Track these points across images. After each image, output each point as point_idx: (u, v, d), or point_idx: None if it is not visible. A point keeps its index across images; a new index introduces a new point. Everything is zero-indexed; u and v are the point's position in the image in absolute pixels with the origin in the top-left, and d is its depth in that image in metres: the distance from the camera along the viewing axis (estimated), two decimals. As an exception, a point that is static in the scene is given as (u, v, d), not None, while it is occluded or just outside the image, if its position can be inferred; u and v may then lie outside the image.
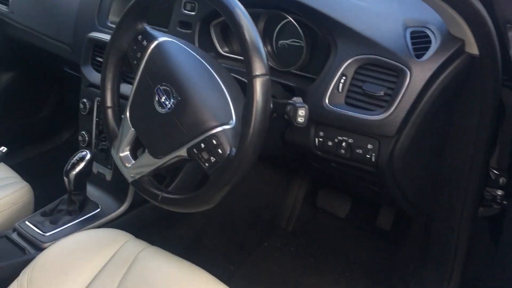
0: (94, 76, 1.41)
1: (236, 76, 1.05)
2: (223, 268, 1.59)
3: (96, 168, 1.42)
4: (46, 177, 2.07)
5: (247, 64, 0.83)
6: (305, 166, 1.51)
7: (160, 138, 0.98)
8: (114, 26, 1.39)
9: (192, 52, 1.00)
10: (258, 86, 0.82)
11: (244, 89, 0.94)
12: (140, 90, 1.01)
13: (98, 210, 1.35)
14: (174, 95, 0.94)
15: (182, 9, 1.26)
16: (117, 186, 1.38)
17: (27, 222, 1.29)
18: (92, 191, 1.41)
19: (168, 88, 0.95)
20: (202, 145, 0.90)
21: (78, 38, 1.48)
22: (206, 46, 1.24)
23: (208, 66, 0.98)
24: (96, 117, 1.40)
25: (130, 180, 1.03)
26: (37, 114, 2.16)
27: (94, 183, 1.42)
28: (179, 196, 0.95)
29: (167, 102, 0.95)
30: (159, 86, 0.96)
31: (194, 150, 0.91)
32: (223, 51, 1.26)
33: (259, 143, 0.85)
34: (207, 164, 0.91)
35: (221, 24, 1.24)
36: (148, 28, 1.03)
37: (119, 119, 1.09)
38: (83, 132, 1.44)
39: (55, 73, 2.02)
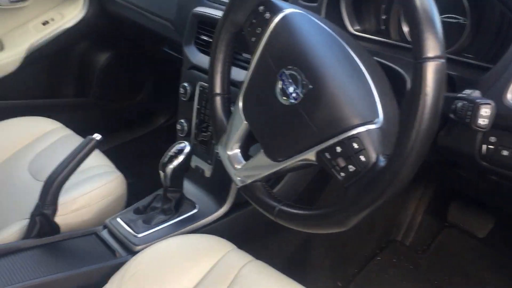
0: (197, 57, 1.24)
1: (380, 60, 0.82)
2: (330, 284, 1.38)
3: (194, 162, 1.25)
4: (139, 164, 1.97)
5: (416, 42, 0.60)
6: (436, 172, 1.25)
7: (282, 136, 0.77)
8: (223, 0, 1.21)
9: (328, 29, 0.78)
10: (431, 72, 0.59)
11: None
12: (258, 75, 0.81)
13: (195, 210, 1.18)
14: (304, 82, 0.73)
15: (307, -22, 1.04)
16: (217, 184, 1.21)
17: (118, 219, 1.15)
18: (189, 188, 1.25)
19: (295, 73, 0.74)
20: (338, 149, 0.69)
21: (182, 14, 1.31)
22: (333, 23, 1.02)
23: (347, 48, 0.76)
24: (198, 104, 1.23)
25: (239, 185, 0.84)
26: (133, 97, 2.06)
27: (191, 179, 1.26)
28: (303, 212, 0.75)
29: (293, 91, 0.74)
30: (283, 70, 0.76)
31: (327, 154, 0.70)
32: (354, 30, 1.02)
33: (423, 151, 0.61)
34: (343, 174, 0.69)
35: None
36: (272, -4, 0.83)
37: (228, 109, 0.90)
38: (182, 121, 1.28)
39: (154, 54, 1.90)
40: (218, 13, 1.18)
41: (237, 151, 0.86)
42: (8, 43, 1.68)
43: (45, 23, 1.73)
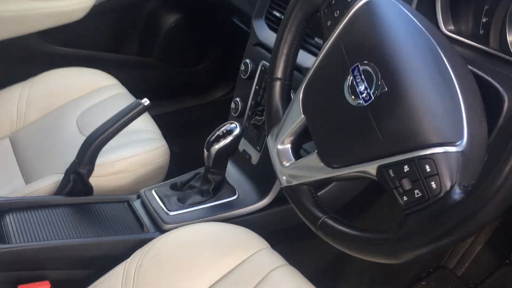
0: (265, 34, 1.14)
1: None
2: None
3: (243, 146, 1.16)
4: (189, 134, 1.92)
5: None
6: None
7: (341, 140, 0.67)
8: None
9: (419, 24, 0.66)
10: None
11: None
12: (327, 64, 0.70)
13: (235, 197, 1.10)
14: (379, 83, 0.61)
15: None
16: (262, 173, 1.11)
17: (153, 192, 1.09)
18: (231, 172, 1.16)
19: (371, 70, 0.63)
20: (405, 168, 0.58)
21: (256, -15, 1.21)
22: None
23: (439, 50, 0.63)
24: (257, 85, 1.14)
25: (283, 184, 0.75)
26: (195, 65, 1.99)
27: (236, 163, 1.17)
28: (350, 231, 0.64)
29: (364, 90, 0.63)
30: (358, 64, 0.64)
31: (390, 171, 0.59)
32: (447, 30, 0.88)
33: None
34: (405, 199, 0.58)
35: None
36: (358, -23, 0.71)
37: (287, 97, 0.80)
38: (237, 99, 1.19)
39: (223, 24, 1.81)
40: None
41: (288, 146, 0.76)
42: (79, -10, 1.64)
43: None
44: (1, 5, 1.52)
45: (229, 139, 1.04)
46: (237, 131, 1.05)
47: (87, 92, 1.47)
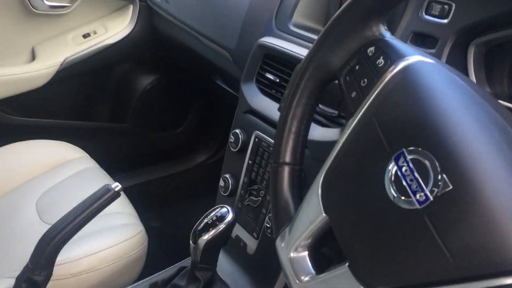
0: (257, 99, 0.98)
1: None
2: None
3: (235, 231, 0.98)
4: (169, 206, 1.72)
5: None
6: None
7: (385, 252, 0.48)
8: (299, 31, 0.95)
9: (475, 93, 0.50)
10: None
11: None
12: (356, 149, 0.53)
13: (228, 297, 0.90)
14: (439, 177, 0.44)
15: (423, 12, 0.76)
16: (261, 266, 0.92)
17: (130, 297, 0.88)
18: (223, 264, 0.97)
19: (425, 160, 0.46)
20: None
21: (244, 43, 1.05)
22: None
23: (508, 125, 0.47)
24: (250, 159, 0.96)
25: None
26: (173, 129, 1.82)
27: (228, 252, 0.98)
28: None
29: (418, 188, 0.45)
30: (403, 150, 0.47)
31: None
32: (483, 93, 0.73)
33: None
34: None
35: (490, 44, 0.71)
36: (388, 35, 0.56)
37: (298, 187, 0.62)
38: (227, 176, 1.01)
39: (204, 85, 1.66)
40: (292, 48, 0.92)
41: (304, 253, 0.57)
42: (41, 54, 1.47)
43: (86, 35, 1.52)
44: None
45: (220, 227, 0.85)
46: (229, 217, 0.86)
47: (50, 168, 1.28)
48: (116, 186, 0.89)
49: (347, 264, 0.52)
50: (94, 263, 0.96)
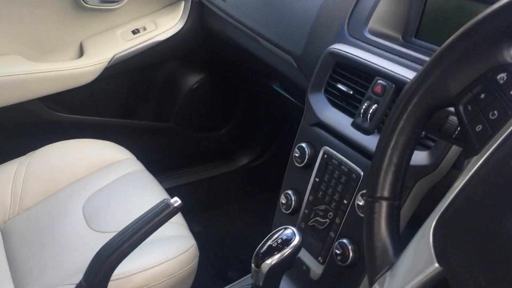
0: (326, 112, 0.90)
1: None
2: None
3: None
4: (211, 208, 1.67)
5: None
6: None
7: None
8: (375, 39, 0.86)
9: None
10: None
11: None
12: (483, 194, 0.45)
13: (290, 326, 0.84)
14: None
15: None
16: (326, 293, 0.85)
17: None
18: (282, 286, 0.90)
19: None
20: None
21: (311, 49, 0.98)
22: None
23: None
24: (317, 176, 0.89)
25: None
26: (218, 129, 1.76)
27: (290, 277, 0.91)
28: None
29: None
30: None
31: None
32: None
33: None
34: None
35: None
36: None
37: (397, 227, 0.55)
38: (289, 192, 0.94)
39: (256, 88, 1.59)
40: (368, 57, 0.84)
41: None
42: (89, 50, 1.42)
43: (135, 31, 1.47)
44: (-1, 68, 1.30)
45: (286, 251, 0.79)
46: (296, 240, 0.79)
47: (96, 170, 1.23)
48: (175, 201, 0.83)
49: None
50: (146, 280, 0.91)
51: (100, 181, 1.19)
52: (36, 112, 1.38)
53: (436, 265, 0.47)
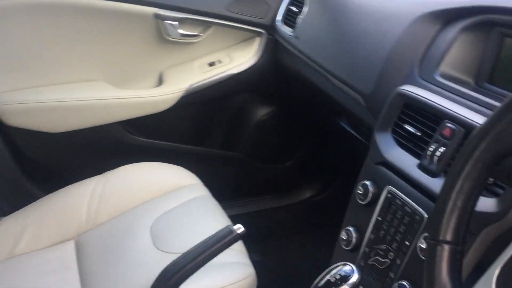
0: (392, 152, 0.91)
1: None
2: None
3: (357, 290, 0.90)
4: (270, 239, 1.68)
5: None
6: None
7: None
8: (446, 83, 0.87)
9: None
10: None
11: None
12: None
13: None
14: None
15: None
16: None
17: None
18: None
19: None
20: None
21: (381, 89, 0.99)
22: None
23: None
24: (379, 215, 0.89)
25: None
26: (283, 162, 1.79)
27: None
28: None
29: None
30: None
31: None
32: None
33: None
34: None
35: None
36: None
37: (459, 272, 0.55)
38: (350, 229, 0.94)
39: (324, 124, 1.62)
40: (438, 100, 0.85)
41: None
42: (167, 79, 1.52)
43: (211, 64, 1.55)
44: (82, 93, 1.42)
45: (344, 288, 0.79)
46: (354, 278, 0.80)
47: (165, 193, 1.29)
48: (238, 228, 0.86)
49: None
50: (205, 303, 0.94)
51: (168, 204, 1.25)
52: (115, 135, 1.48)
53: (497, 314, 0.47)
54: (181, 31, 1.47)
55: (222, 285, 0.97)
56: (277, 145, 1.75)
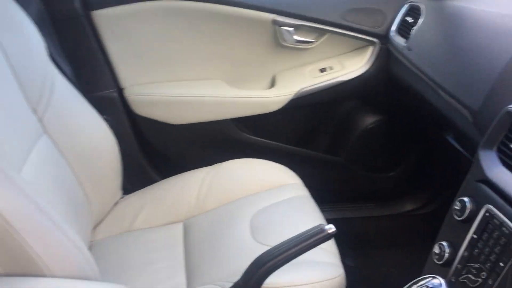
0: (495, 170, 0.89)
1: None
2: None
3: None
4: (367, 246, 1.69)
5: None
6: None
7: None
8: None
9: None
10: None
11: None
12: None
13: None
14: None
15: None
16: None
17: None
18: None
19: None
20: None
21: (490, 106, 0.97)
22: None
23: None
24: (475, 233, 0.88)
25: None
26: (386, 171, 1.78)
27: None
28: None
29: None
30: None
31: None
32: None
33: None
34: None
35: None
36: None
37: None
38: (444, 244, 0.94)
39: (430, 137, 1.59)
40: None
41: None
42: (279, 82, 1.61)
43: (323, 70, 1.60)
44: (202, 90, 1.55)
45: (428, 306, 0.80)
46: (442, 289, 0.81)
47: (268, 188, 1.38)
48: (330, 228, 0.91)
49: None
50: (293, 293, 0.99)
51: (269, 199, 1.33)
52: (227, 131, 1.60)
53: None
54: (296, 37, 1.54)
55: (313, 281, 1.02)
56: (382, 154, 1.75)
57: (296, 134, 1.68)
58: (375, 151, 1.73)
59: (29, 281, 0.80)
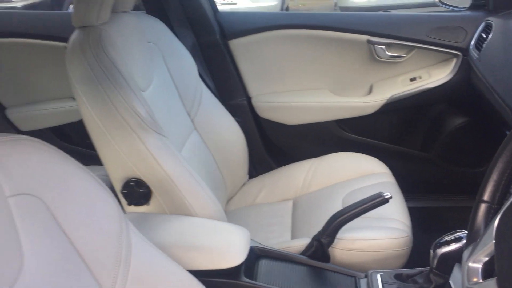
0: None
1: None
2: None
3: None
4: (435, 233, 1.91)
5: None
6: None
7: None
8: None
9: None
10: None
11: None
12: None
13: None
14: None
15: None
16: None
17: (378, 276, 1.21)
18: (457, 276, 1.17)
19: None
20: None
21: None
22: None
23: None
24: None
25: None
26: (475, 167, 1.98)
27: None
28: None
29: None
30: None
31: None
32: None
33: None
34: None
35: None
36: None
37: (491, 220, 0.84)
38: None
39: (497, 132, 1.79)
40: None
41: (478, 265, 0.80)
42: (376, 89, 1.92)
43: (412, 79, 1.88)
44: (311, 97, 1.95)
45: (455, 246, 1.09)
46: (465, 240, 1.08)
47: (361, 175, 1.70)
48: (386, 194, 1.23)
49: (496, 278, 0.73)
50: (364, 246, 1.31)
51: (360, 183, 1.65)
52: (331, 130, 1.98)
53: (493, 241, 0.77)
54: (388, 53, 1.86)
55: (381, 237, 1.32)
56: (468, 153, 1.93)
57: (388, 133, 1.98)
58: (462, 149, 1.94)
59: (184, 218, 1.27)
